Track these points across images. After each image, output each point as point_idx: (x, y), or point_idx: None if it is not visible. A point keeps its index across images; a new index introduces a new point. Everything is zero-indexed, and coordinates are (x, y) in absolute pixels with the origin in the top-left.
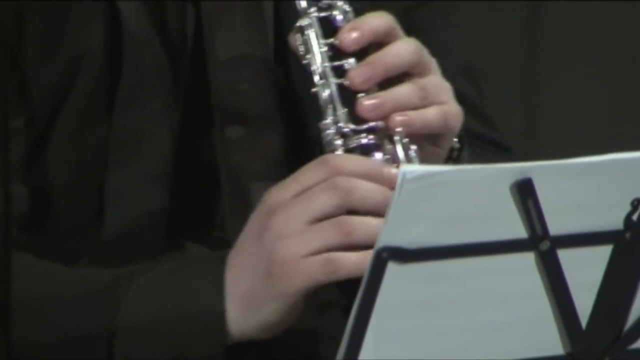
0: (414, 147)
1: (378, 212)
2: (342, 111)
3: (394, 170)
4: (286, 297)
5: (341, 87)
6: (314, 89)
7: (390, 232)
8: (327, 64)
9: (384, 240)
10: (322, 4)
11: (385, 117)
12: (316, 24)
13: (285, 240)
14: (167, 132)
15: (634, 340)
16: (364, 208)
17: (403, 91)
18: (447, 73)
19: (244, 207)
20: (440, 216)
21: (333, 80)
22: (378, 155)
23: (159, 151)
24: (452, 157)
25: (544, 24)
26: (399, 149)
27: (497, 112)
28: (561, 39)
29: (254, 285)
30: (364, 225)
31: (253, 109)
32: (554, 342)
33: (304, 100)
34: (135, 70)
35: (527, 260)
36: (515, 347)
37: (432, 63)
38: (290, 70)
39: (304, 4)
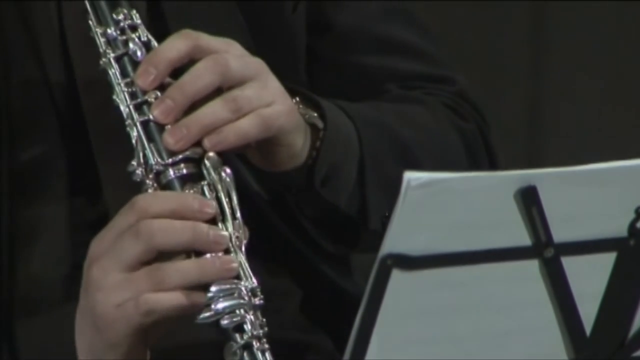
0: (228, 169)
1: (190, 249)
2: (150, 148)
3: (207, 201)
4: (117, 347)
5: (152, 122)
6: (127, 129)
7: (394, 239)
8: (129, 103)
9: (388, 247)
10: (119, 41)
11: (197, 143)
12: (114, 65)
13: (102, 293)
14: (58, 167)
15: (638, 347)
16: (171, 248)
17: (210, 110)
18: (367, 20)
19: None
20: (444, 223)
21: (137, 119)
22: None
23: (54, 190)
24: (319, 138)
25: (549, 26)
26: (212, 174)
27: (501, 118)
28: (567, 45)
29: (90, 340)
30: (176, 270)
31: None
32: (558, 349)
33: None
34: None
35: (531, 267)
36: (519, 355)
37: (250, 68)
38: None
39: (102, 44)
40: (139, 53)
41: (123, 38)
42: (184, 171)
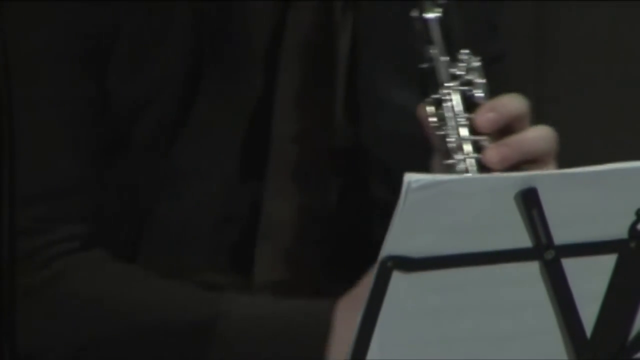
0: None
1: None
2: None
3: None
4: None
5: (479, 161)
6: (449, 161)
7: (395, 241)
8: (465, 137)
9: (388, 249)
10: (463, 79)
11: None
12: (457, 97)
13: None
14: (221, 172)
15: (639, 349)
16: None
17: None
18: None
19: (275, 261)
20: (445, 225)
21: (472, 155)
22: None
23: (212, 188)
24: None
25: (551, 31)
26: None
27: None
28: (569, 49)
29: None
30: None
31: (305, 164)
32: (559, 351)
33: (372, 162)
34: (207, 103)
35: (532, 269)
36: (520, 357)
37: (554, 151)
38: (362, 129)
39: (445, 76)
40: (478, 95)
41: (467, 77)
42: None
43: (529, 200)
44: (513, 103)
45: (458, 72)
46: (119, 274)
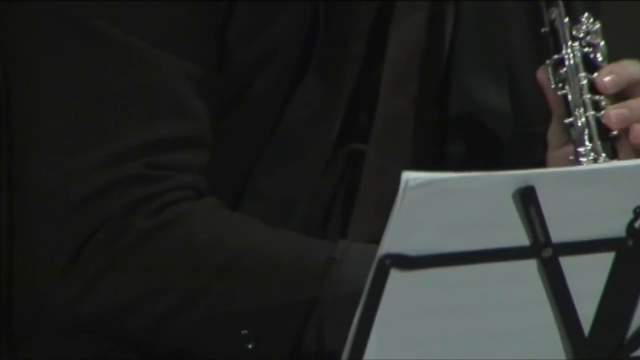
0: None
1: None
2: (598, 142)
3: None
4: None
5: (597, 120)
6: (569, 119)
7: (392, 239)
8: (586, 96)
9: (386, 247)
10: (584, 41)
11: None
12: (579, 57)
13: None
14: (321, 145)
15: (636, 347)
16: None
17: None
18: None
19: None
20: (442, 223)
21: (591, 113)
22: None
23: (313, 154)
24: None
25: None
26: None
27: None
28: None
29: None
30: None
31: (403, 145)
32: (556, 349)
33: (452, 154)
34: (318, 77)
35: (530, 267)
36: (517, 355)
37: None
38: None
39: (567, 36)
40: (600, 59)
41: (588, 39)
42: None
43: (527, 199)
44: (633, 67)
45: (579, 35)
46: (232, 221)
